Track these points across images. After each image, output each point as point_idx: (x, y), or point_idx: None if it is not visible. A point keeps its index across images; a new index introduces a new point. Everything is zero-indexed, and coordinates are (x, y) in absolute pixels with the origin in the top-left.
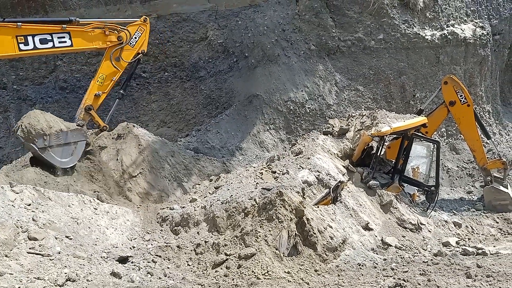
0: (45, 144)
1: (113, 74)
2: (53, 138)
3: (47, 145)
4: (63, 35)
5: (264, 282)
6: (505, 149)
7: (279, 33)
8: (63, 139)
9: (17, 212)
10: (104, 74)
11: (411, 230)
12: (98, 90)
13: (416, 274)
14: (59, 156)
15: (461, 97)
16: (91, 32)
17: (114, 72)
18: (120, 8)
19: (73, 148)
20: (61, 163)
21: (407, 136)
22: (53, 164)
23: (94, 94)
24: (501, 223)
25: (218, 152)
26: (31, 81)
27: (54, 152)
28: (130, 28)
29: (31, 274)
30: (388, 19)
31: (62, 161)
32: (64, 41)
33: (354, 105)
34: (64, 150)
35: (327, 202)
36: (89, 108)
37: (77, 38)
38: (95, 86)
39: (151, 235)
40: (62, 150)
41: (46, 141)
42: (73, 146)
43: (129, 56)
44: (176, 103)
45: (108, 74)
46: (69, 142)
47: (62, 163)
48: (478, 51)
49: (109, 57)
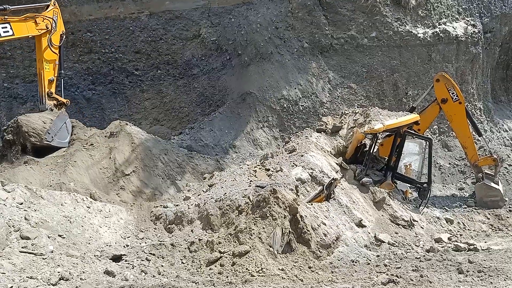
0: (52, 137)
1: (55, 59)
2: (52, 128)
3: (53, 136)
4: (5, 25)
5: (258, 279)
6: (496, 146)
7: (272, 30)
8: (58, 125)
9: (9, 211)
10: (48, 61)
11: (403, 227)
12: (49, 76)
13: (409, 270)
14: (62, 139)
15: (452, 95)
16: (25, 21)
17: (54, 56)
18: (112, 5)
19: (65, 128)
20: (65, 143)
21: (400, 134)
22: (62, 147)
23: (48, 80)
24: (492, 219)
25: (211, 150)
26: (22, 79)
27: (58, 138)
28: (49, 14)
29: (24, 273)
30: (381, 17)
31: (65, 141)
32: (7, 31)
33: (347, 103)
34: (62, 133)
35: (321, 199)
36: (50, 93)
37: (16, 27)
38: (45, 73)
39: (145, 233)
40: (61, 134)
41: (51, 133)
42: (64, 126)
43: (57, 39)
44: (169, 101)
45: (50, 59)
46: (61, 125)
47: (65, 143)
48: (469, 49)
49: (47, 44)
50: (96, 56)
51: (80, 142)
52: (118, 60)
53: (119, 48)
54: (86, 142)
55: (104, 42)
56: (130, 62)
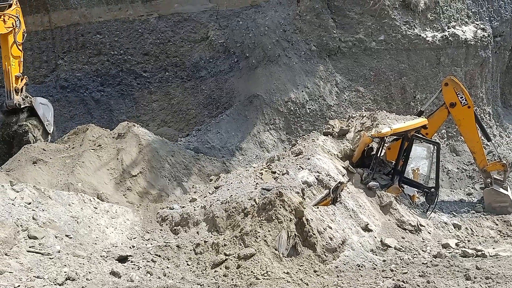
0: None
1: (20, 56)
2: (47, 119)
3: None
4: None
5: (263, 282)
6: (505, 151)
7: (280, 33)
8: (47, 115)
9: (17, 211)
10: (14, 57)
11: (410, 232)
12: (16, 72)
13: (416, 275)
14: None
15: (461, 99)
16: None
17: (19, 53)
18: (122, 7)
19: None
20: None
21: (407, 138)
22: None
23: (15, 76)
24: (500, 225)
25: (218, 152)
26: (32, 80)
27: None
28: (13, 12)
29: (31, 272)
30: (389, 20)
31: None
32: None
33: (354, 106)
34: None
35: (327, 202)
36: (16, 89)
37: None
38: (12, 69)
39: (151, 234)
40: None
41: (50, 123)
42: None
43: (21, 37)
44: (176, 103)
45: (16, 56)
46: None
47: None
48: (479, 53)
49: (13, 41)
50: (105, 58)
51: (89, 143)
52: (126, 62)
53: (127, 50)
54: (94, 143)
55: (113, 44)
56: (138, 64)
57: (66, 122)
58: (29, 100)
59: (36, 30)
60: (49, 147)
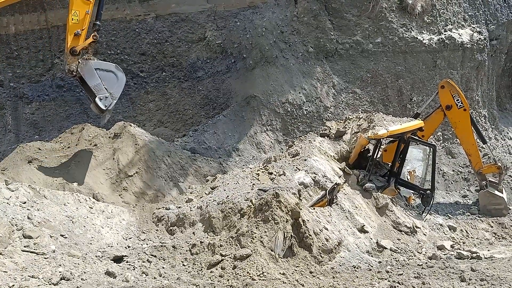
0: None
1: (86, 7)
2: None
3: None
4: None
5: (259, 283)
6: (500, 154)
7: (277, 34)
8: (108, 85)
9: (12, 210)
10: (77, 9)
11: (406, 233)
12: (76, 28)
13: (411, 277)
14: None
15: (457, 102)
16: None
17: (86, 4)
18: (119, 7)
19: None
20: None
21: (404, 140)
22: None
23: (74, 34)
24: (495, 227)
25: (214, 152)
26: (28, 79)
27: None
28: None
29: (26, 272)
30: (386, 23)
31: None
32: None
33: (351, 108)
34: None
35: (323, 204)
36: (73, 51)
37: None
38: (72, 26)
39: (147, 234)
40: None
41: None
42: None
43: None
44: (173, 103)
45: (81, 8)
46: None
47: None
48: (475, 56)
49: None
50: (102, 57)
51: (84, 142)
52: (123, 61)
53: (124, 49)
54: (90, 143)
55: (110, 44)
56: (135, 64)
57: (62, 121)
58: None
59: (32, 29)
60: (44, 147)
